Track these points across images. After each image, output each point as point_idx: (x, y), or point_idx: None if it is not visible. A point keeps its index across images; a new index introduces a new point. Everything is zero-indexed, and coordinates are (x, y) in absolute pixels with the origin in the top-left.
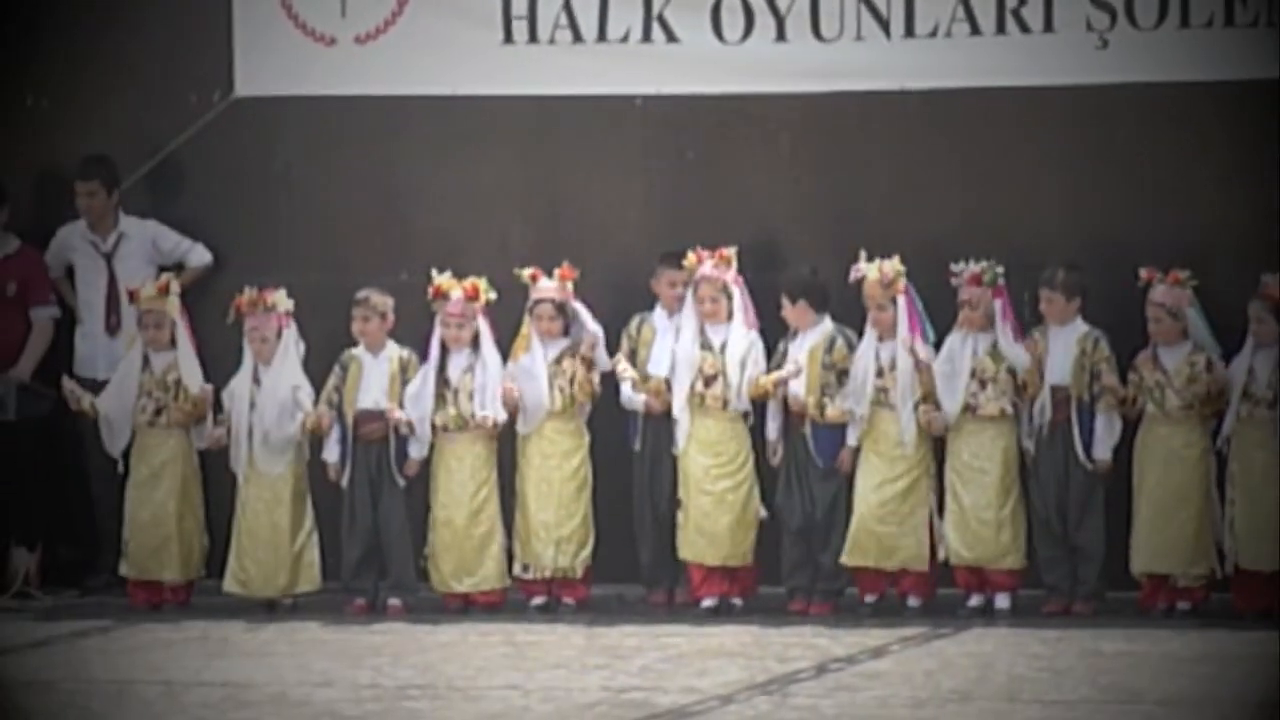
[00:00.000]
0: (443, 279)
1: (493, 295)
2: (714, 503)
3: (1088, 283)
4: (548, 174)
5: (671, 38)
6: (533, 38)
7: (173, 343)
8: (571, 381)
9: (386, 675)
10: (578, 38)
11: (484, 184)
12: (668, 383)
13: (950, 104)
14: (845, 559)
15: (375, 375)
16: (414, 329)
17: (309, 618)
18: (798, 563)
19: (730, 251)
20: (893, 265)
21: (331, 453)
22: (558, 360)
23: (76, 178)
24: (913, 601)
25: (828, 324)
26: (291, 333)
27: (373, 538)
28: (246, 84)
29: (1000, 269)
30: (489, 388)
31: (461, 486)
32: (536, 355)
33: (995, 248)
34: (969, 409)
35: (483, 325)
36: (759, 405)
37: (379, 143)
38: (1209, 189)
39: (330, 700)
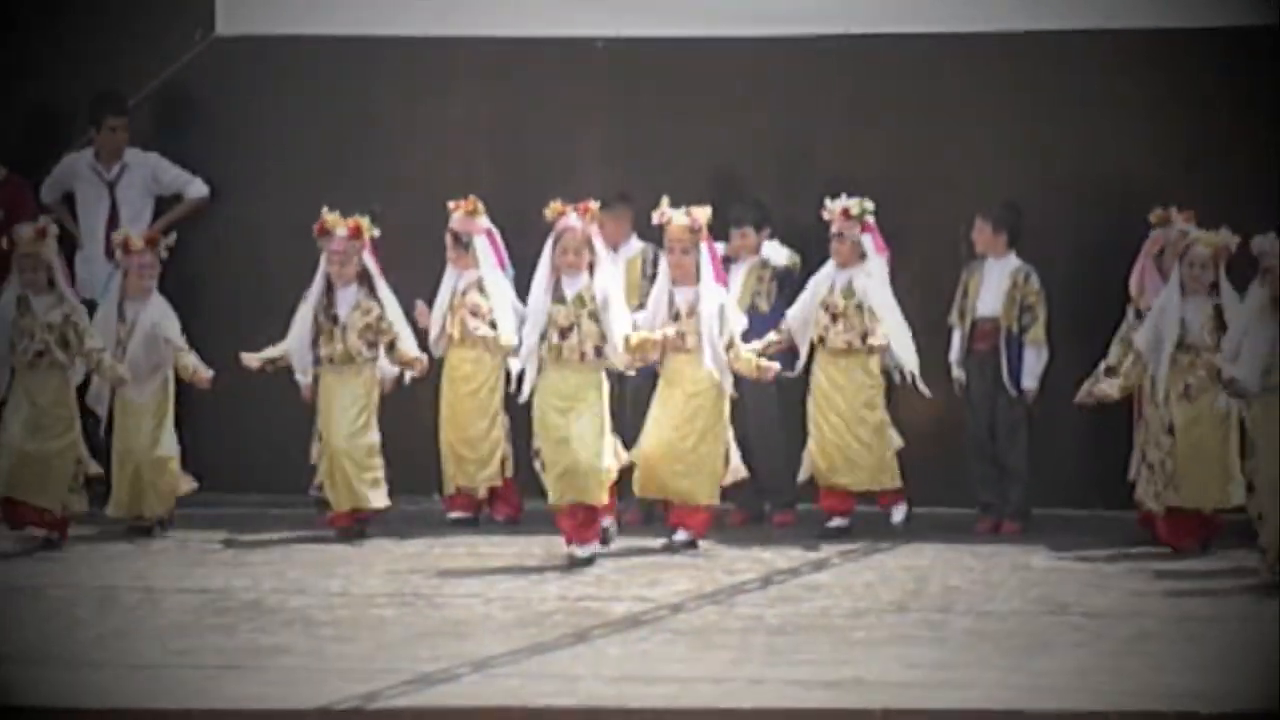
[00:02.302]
0: (329, 216)
1: (375, 233)
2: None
3: (1020, 224)
4: (512, 113)
5: None
6: None
7: (50, 285)
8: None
9: (356, 584)
10: None
11: (451, 121)
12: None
13: (900, 48)
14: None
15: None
16: (387, 259)
17: (286, 530)
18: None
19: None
20: (702, 210)
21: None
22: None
23: (109, 112)
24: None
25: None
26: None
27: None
28: (227, 23)
29: (870, 205)
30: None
31: (343, 413)
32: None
33: (940, 190)
34: (822, 341)
35: (369, 261)
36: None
37: (353, 80)
38: (1163, 134)
39: (303, 607)
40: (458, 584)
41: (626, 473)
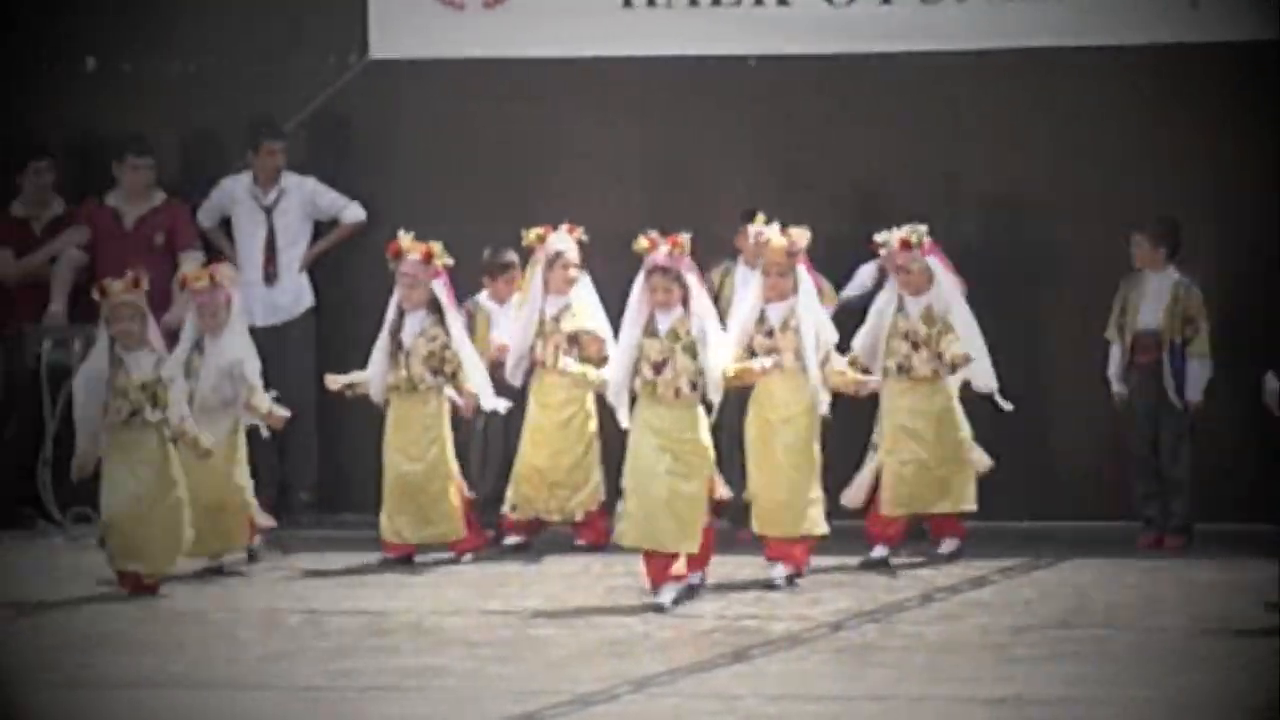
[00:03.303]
0: (404, 239)
1: (448, 260)
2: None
3: (1178, 238)
4: (663, 132)
5: (783, 1)
6: (651, 1)
7: (141, 339)
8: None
9: (515, 604)
10: (693, 1)
11: (602, 141)
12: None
13: (1051, 61)
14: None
15: (505, 323)
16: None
17: (445, 551)
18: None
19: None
20: (800, 231)
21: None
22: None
23: (267, 137)
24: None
25: None
26: (239, 304)
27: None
28: (380, 47)
29: (923, 229)
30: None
31: (414, 443)
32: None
33: (1094, 205)
34: (901, 369)
35: (440, 289)
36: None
37: (505, 103)
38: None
39: (463, 627)
40: (616, 603)
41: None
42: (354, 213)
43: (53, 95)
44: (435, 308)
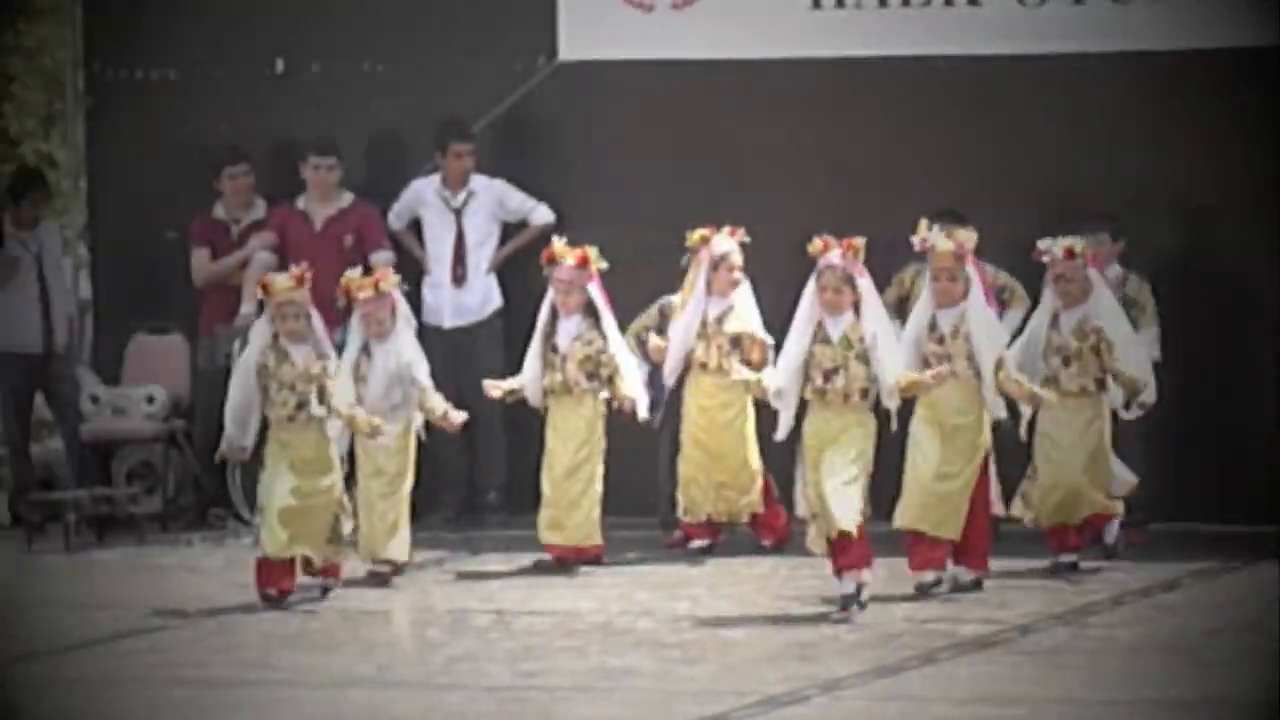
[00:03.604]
0: (558, 245)
1: (603, 265)
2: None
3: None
4: (853, 133)
5: (973, 1)
6: (839, 2)
7: (308, 335)
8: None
9: (703, 606)
10: (883, 2)
11: (789, 143)
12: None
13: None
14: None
15: None
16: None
17: (634, 552)
18: None
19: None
20: (967, 234)
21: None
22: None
23: (454, 139)
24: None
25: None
26: (404, 309)
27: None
28: (570, 49)
29: (1083, 242)
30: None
31: (563, 445)
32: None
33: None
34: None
35: (595, 293)
36: None
37: (692, 104)
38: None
39: (651, 629)
40: (804, 605)
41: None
42: (543, 214)
43: (245, 99)
44: (591, 311)
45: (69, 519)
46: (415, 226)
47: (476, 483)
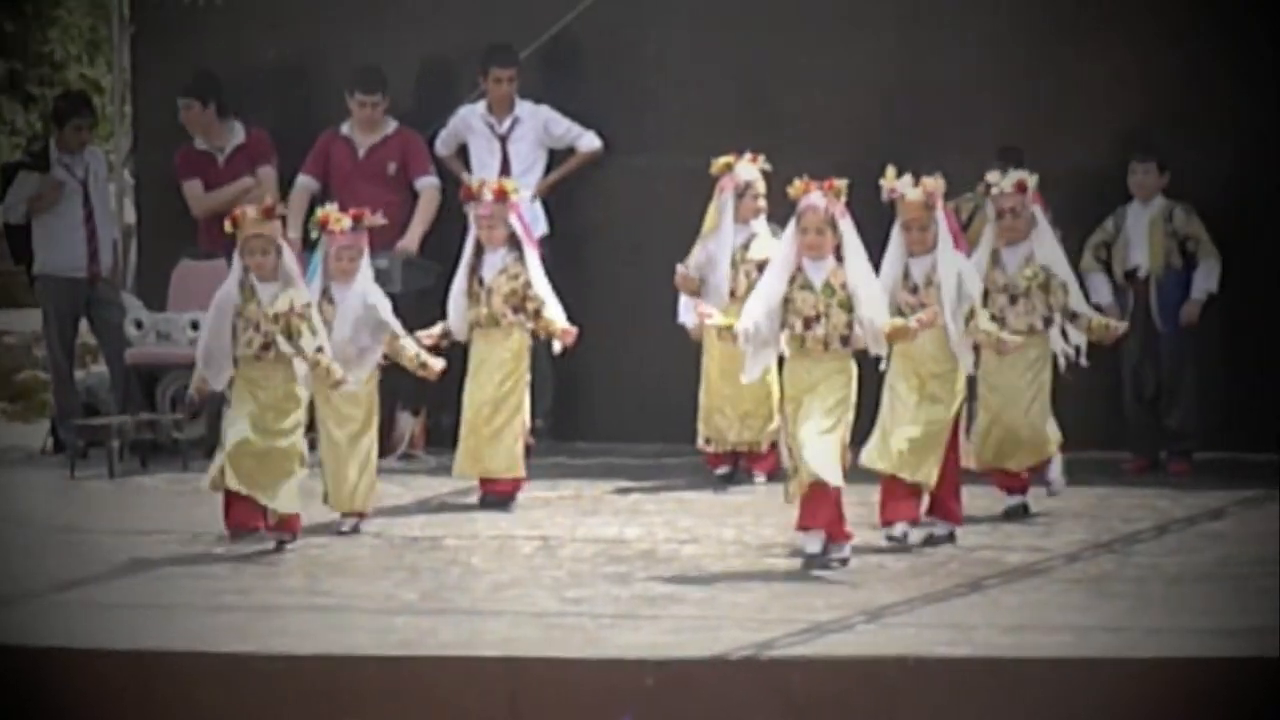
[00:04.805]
0: (473, 181)
1: (524, 194)
2: None
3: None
4: (911, 59)
5: None
6: None
7: (277, 270)
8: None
9: (749, 533)
10: None
11: (849, 69)
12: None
13: None
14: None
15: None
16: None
17: (680, 478)
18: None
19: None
20: (935, 182)
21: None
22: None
23: (496, 64)
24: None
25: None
26: (366, 251)
27: None
28: None
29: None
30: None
31: (488, 377)
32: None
33: None
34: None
35: (518, 225)
36: None
37: (742, 31)
38: None
39: (696, 555)
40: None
41: None
42: (589, 141)
43: (290, 23)
44: (515, 245)
45: (112, 445)
46: (463, 153)
47: None
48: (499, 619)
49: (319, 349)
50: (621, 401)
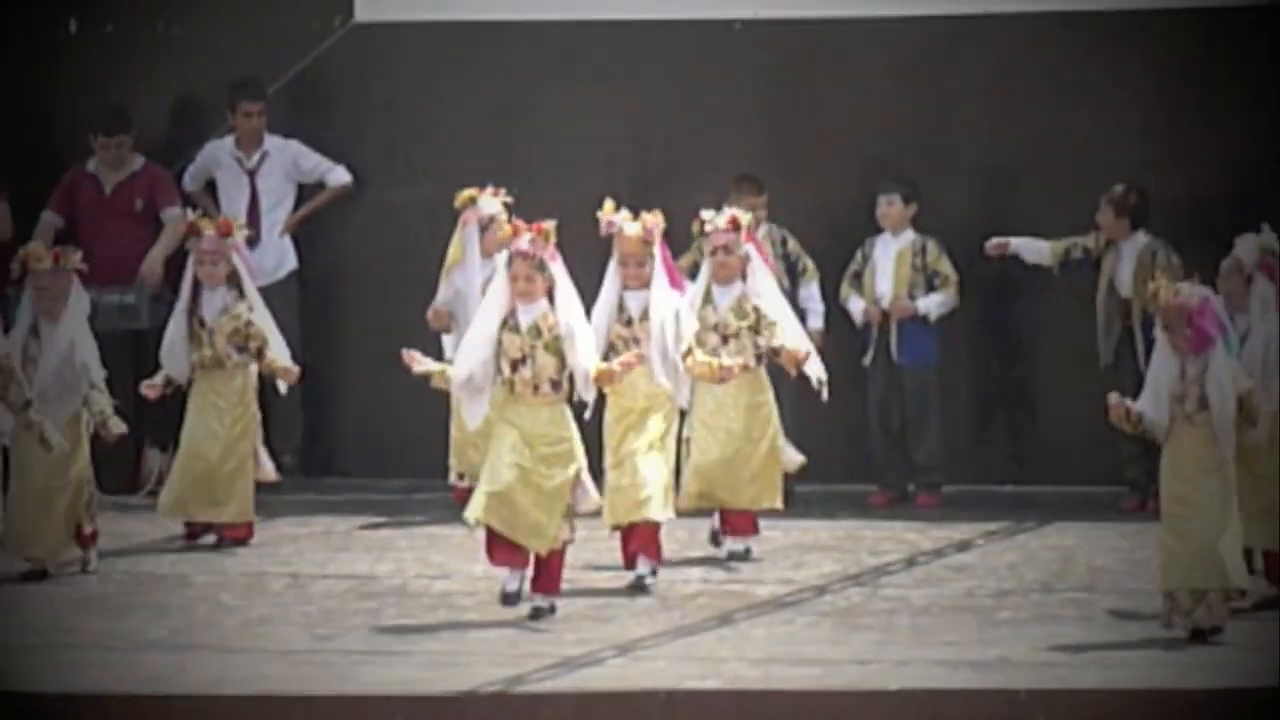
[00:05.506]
0: (195, 216)
1: (246, 232)
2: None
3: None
4: (648, 97)
5: None
6: None
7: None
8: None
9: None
10: None
11: (586, 106)
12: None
13: (1036, 27)
14: None
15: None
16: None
17: (426, 514)
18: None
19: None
20: (654, 217)
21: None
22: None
23: (244, 98)
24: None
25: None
26: (78, 289)
27: None
28: (365, 10)
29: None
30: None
31: (218, 421)
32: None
33: (1068, 170)
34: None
35: (239, 263)
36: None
37: (490, 65)
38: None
39: (448, 591)
40: (601, 570)
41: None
42: (339, 176)
43: (36, 60)
44: (235, 283)
45: None
46: (211, 188)
47: (271, 446)
48: (248, 656)
49: (27, 404)
50: (371, 436)
